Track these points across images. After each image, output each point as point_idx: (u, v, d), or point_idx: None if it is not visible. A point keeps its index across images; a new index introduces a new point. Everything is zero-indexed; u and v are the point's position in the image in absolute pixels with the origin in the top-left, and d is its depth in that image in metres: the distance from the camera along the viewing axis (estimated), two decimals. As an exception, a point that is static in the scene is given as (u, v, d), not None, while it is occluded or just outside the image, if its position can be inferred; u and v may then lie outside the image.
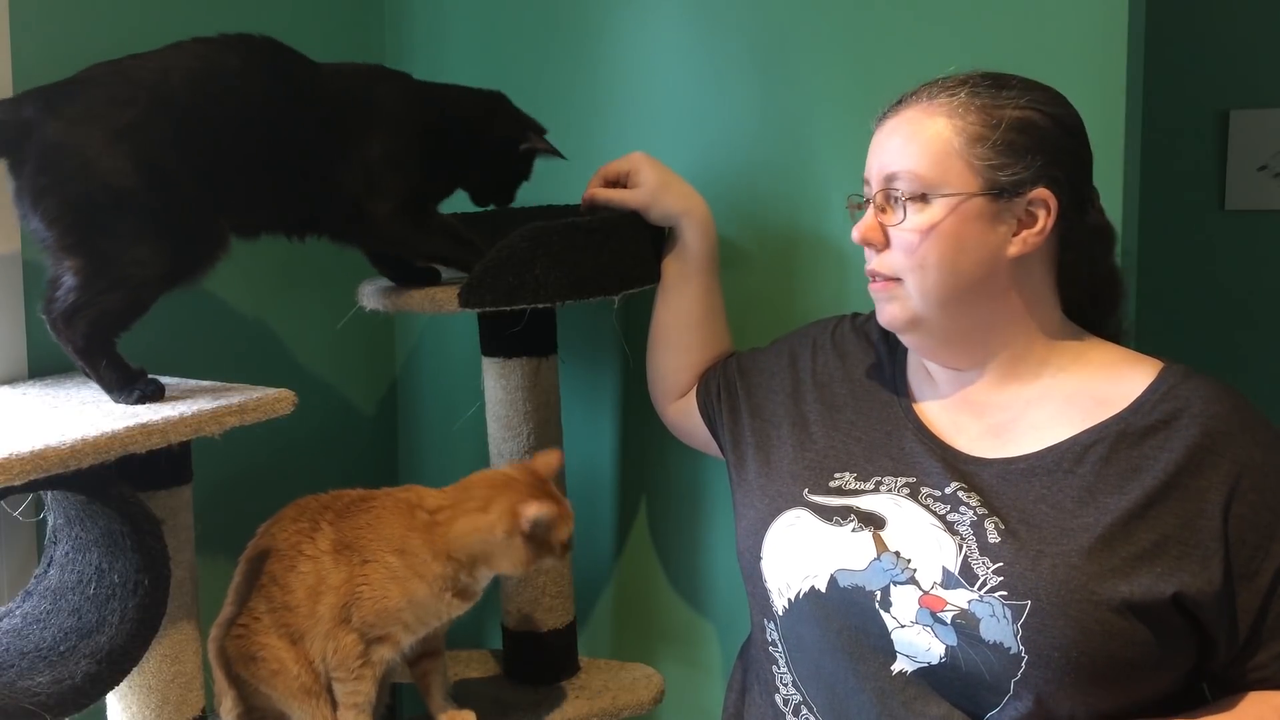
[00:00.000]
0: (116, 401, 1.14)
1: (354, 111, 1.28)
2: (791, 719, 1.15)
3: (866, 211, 1.14)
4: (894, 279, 1.12)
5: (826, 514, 1.13)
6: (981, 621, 1.00)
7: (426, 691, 1.33)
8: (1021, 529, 1.03)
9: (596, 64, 1.64)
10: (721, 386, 1.36)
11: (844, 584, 1.08)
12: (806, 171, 1.49)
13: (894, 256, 1.11)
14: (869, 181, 1.14)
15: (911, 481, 1.12)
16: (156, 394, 1.14)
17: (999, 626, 0.99)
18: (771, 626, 1.17)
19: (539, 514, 1.18)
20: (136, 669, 1.12)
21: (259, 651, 1.22)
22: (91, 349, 1.13)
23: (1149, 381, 1.07)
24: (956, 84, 1.10)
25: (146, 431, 1.05)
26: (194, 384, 1.22)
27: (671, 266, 1.43)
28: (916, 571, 1.05)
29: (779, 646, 1.16)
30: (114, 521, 1.09)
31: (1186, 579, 0.98)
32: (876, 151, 1.14)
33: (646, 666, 1.57)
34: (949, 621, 1.02)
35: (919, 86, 1.13)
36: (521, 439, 1.45)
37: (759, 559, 1.17)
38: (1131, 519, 1.00)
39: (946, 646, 1.02)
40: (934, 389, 1.18)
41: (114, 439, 1.02)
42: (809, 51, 1.48)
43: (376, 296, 1.40)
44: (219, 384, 1.21)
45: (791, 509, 1.16)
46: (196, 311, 1.50)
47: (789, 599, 1.13)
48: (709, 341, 1.43)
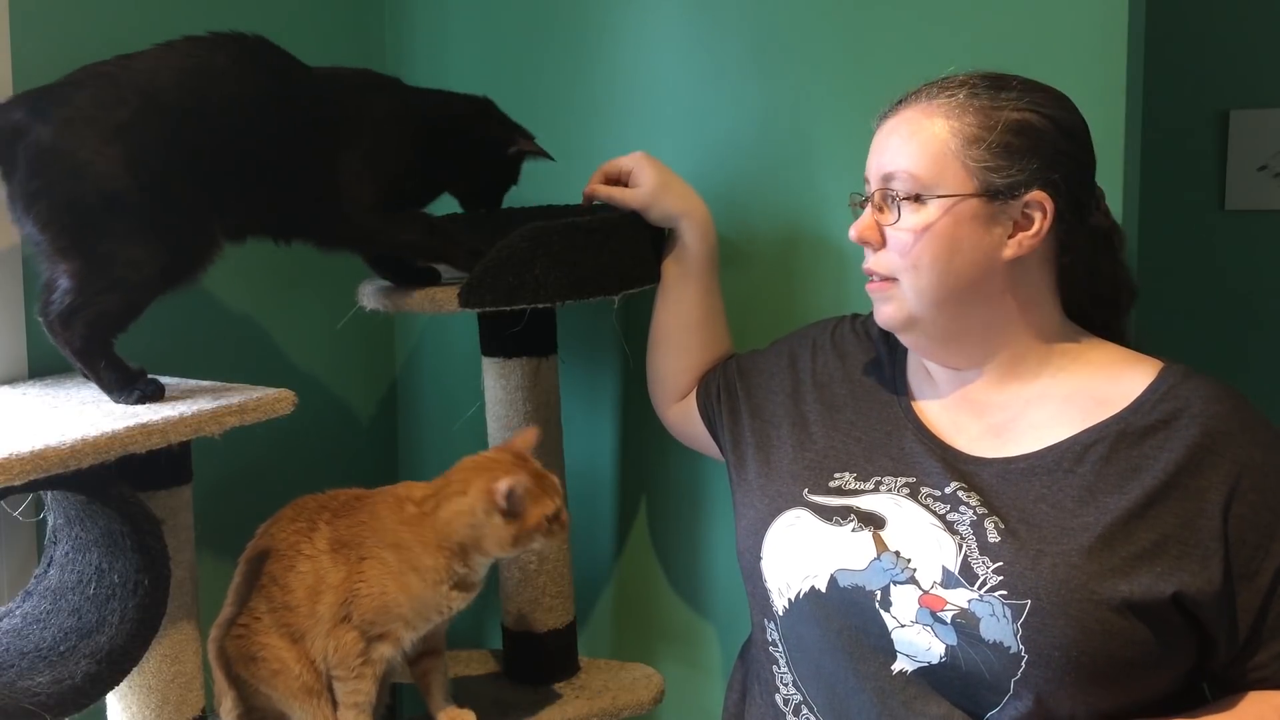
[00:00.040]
0: (116, 402, 1.14)
1: (340, 113, 1.28)
2: (792, 719, 1.15)
3: (865, 211, 1.14)
4: (890, 279, 1.12)
5: (826, 514, 1.13)
6: (981, 621, 1.00)
7: (427, 691, 1.33)
8: (1021, 528, 1.03)
9: (597, 64, 1.64)
10: (721, 388, 1.36)
11: (844, 584, 1.08)
12: (806, 171, 1.49)
13: (889, 256, 1.11)
14: (869, 180, 1.15)
15: (911, 481, 1.12)
16: (156, 394, 1.14)
17: (999, 626, 0.99)
18: (771, 626, 1.17)
19: (510, 485, 1.18)
20: (136, 669, 1.12)
21: (260, 651, 1.22)
22: (90, 350, 1.13)
23: (1149, 381, 1.07)
24: (957, 85, 1.10)
25: (146, 431, 1.05)
26: (194, 384, 1.22)
27: (671, 268, 1.43)
28: (916, 571, 1.05)
29: (779, 646, 1.16)
30: (114, 521, 1.09)
31: (1186, 578, 0.98)
32: (876, 151, 1.14)
33: (646, 666, 1.57)
34: (949, 621, 1.02)
35: (920, 86, 1.13)
36: (521, 439, 1.45)
37: (759, 559, 1.17)
38: (1131, 518, 1.00)
39: (946, 646, 1.02)
40: (934, 389, 1.18)
41: (114, 439, 1.02)
42: (809, 51, 1.48)
43: (376, 296, 1.40)
44: (219, 384, 1.21)
45: (791, 509, 1.16)
46: (196, 311, 1.51)
47: (789, 599, 1.13)
48: (709, 343, 1.43)
